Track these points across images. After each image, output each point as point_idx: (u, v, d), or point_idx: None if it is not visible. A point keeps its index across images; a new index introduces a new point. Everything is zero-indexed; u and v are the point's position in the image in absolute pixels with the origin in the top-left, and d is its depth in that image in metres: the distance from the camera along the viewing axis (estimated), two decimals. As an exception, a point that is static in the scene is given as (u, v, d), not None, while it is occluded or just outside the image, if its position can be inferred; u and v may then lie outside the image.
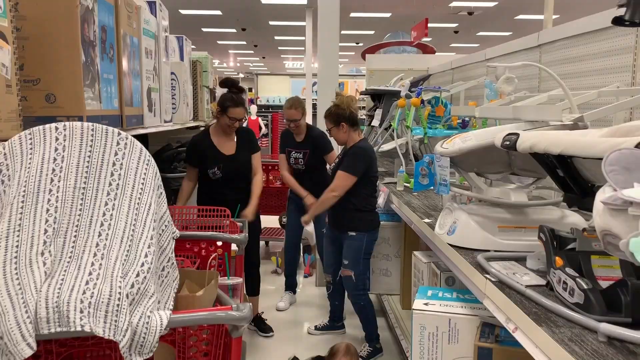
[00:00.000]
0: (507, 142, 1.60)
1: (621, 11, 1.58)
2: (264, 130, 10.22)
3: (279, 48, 18.91)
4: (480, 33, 15.02)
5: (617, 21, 1.55)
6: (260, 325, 3.50)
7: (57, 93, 2.06)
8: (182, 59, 4.37)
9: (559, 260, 1.58)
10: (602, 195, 1.00)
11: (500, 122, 3.05)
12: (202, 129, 3.76)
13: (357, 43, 16.80)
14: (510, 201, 2.09)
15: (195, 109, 4.53)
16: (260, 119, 10.23)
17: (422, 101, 3.71)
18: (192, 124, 4.22)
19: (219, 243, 2.02)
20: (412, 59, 6.94)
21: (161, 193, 1.32)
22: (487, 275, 1.72)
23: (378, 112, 4.43)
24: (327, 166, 3.79)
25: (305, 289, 4.39)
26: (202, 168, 3.22)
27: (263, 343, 3.39)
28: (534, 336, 1.34)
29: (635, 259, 0.89)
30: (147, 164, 1.31)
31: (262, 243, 5.66)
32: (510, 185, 2.26)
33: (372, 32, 15.05)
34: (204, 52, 5.21)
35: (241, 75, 24.31)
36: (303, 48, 14.47)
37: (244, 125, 4.10)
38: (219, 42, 17.41)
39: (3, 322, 1.02)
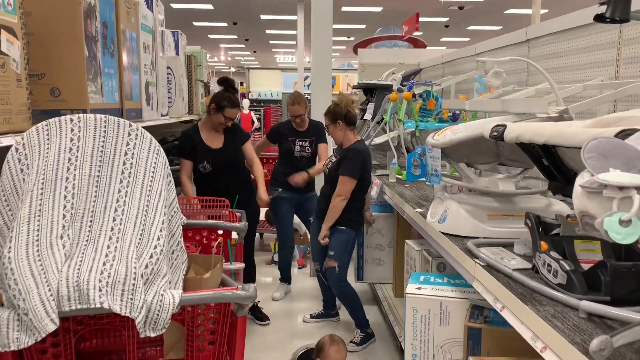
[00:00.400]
0: (495, 133, 1.69)
1: (602, 9, 1.67)
2: (256, 124, 10.27)
3: (271, 42, 18.91)
4: (471, 27, 15.13)
5: (599, 18, 1.63)
6: (257, 313, 3.59)
7: (62, 87, 2.13)
8: (177, 53, 4.42)
9: (544, 245, 1.68)
10: (581, 179, 1.09)
11: (489, 115, 3.14)
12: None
13: (349, 37, 16.85)
14: (498, 190, 2.18)
15: (190, 103, 4.59)
16: (252, 113, 10.28)
17: (414, 95, 3.81)
18: (187, 117, 4.29)
19: (220, 232, 2.10)
20: (403, 54, 7.01)
21: (170, 181, 1.40)
22: (477, 260, 1.81)
23: (370, 106, 4.51)
24: (321, 160, 3.87)
25: (300, 279, 4.48)
26: (194, 163, 3.30)
27: (260, 330, 3.49)
28: (520, 314, 1.43)
29: (608, 236, 0.98)
30: (157, 154, 1.39)
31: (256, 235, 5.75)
32: (498, 176, 2.35)
33: (363, 27, 15.12)
34: (197, 47, 5.26)
35: (232, 70, 24.25)
36: (294, 42, 14.50)
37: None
38: (210, 36, 17.39)
39: (28, 300, 1.09)
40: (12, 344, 1.11)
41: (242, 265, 1.85)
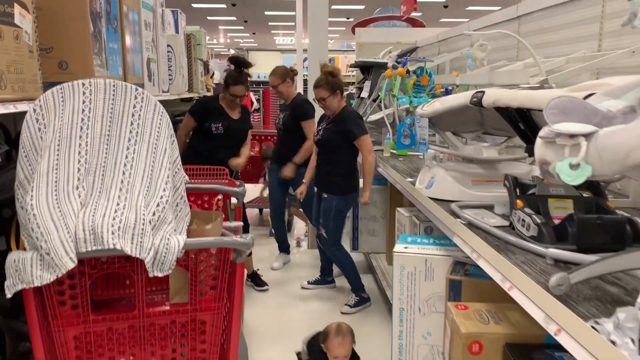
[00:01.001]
0: (475, 99, 1.82)
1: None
2: (255, 105, 10.35)
3: (269, 24, 18.86)
4: (470, 7, 15.10)
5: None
6: (256, 280, 3.75)
7: (69, 60, 2.25)
8: (177, 32, 4.52)
9: (519, 203, 1.81)
10: (542, 132, 1.22)
11: (478, 88, 3.25)
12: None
13: (348, 18, 16.82)
14: (482, 157, 2.31)
15: (190, 81, 4.70)
16: (252, 93, 10.34)
17: (408, 71, 3.91)
18: (187, 95, 4.40)
19: (220, 197, 2.23)
20: (400, 33, 7.09)
21: (173, 140, 1.53)
22: (459, 219, 1.95)
23: (367, 84, 4.61)
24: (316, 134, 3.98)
25: (299, 253, 4.65)
26: (206, 123, 3.47)
27: (259, 296, 3.65)
28: (494, 262, 1.57)
29: (560, 179, 1.11)
30: (162, 115, 1.52)
31: (256, 211, 5.91)
32: (483, 144, 2.48)
33: (362, 7, 15.08)
34: (197, 26, 5.35)
35: (231, 52, 24.20)
36: (293, 23, 14.49)
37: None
38: (209, 17, 17.35)
39: (49, 241, 1.23)
40: (35, 281, 1.25)
41: (241, 223, 1.98)
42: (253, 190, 5.39)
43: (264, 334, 3.10)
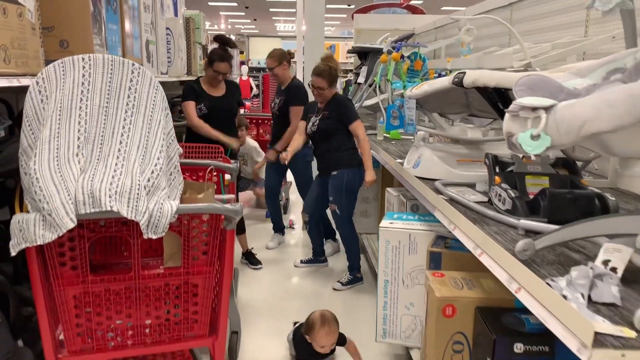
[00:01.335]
0: (457, 79, 1.90)
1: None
2: (255, 91, 10.42)
3: (271, 10, 18.82)
4: (471, -4, 15.07)
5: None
6: (250, 259, 3.86)
7: (70, 40, 2.33)
8: (176, 15, 4.58)
9: (497, 179, 1.90)
10: (509, 107, 1.31)
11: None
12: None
13: (349, 5, 16.79)
14: (467, 137, 2.40)
15: (189, 64, 4.77)
16: (251, 79, 10.42)
17: (402, 56, 3.99)
18: (186, 77, 4.47)
19: (214, 174, 2.33)
20: (399, 19, 7.12)
21: (167, 113, 1.62)
22: (441, 195, 2.04)
23: (363, 69, 4.68)
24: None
25: (293, 234, 4.76)
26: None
27: (253, 273, 3.76)
28: (469, 232, 1.67)
29: (522, 149, 1.20)
30: (156, 89, 1.60)
31: (251, 193, 6.00)
32: (469, 125, 2.57)
33: (363, -6, 15.05)
34: (196, 10, 5.40)
35: (233, 37, 24.15)
36: (294, 10, 14.47)
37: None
38: (210, 3, 17.31)
39: (51, 202, 1.32)
40: (38, 239, 1.35)
41: (233, 196, 2.07)
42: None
43: (257, 308, 3.22)
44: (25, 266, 2.16)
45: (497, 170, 1.98)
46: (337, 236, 3.89)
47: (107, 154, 1.46)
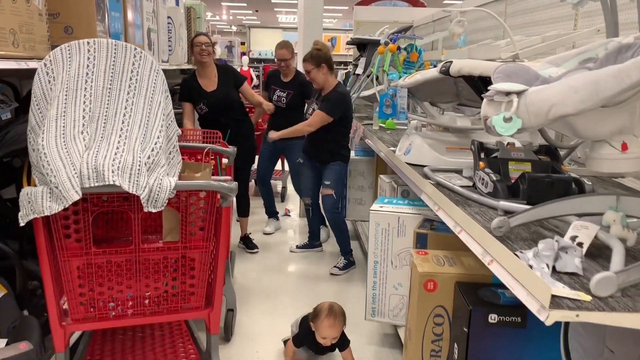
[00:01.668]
0: (444, 68, 1.99)
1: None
2: (255, 81, 10.49)
3: (273, 1, 18.82)
4: (473, -10, 15.06)
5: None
6: (247, 243, 3.97)
7: (74, 26, 2.42)
8: (177, 4, 4.66)
9: (481, 164, 1.99)
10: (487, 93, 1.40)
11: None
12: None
13: (351, -3, 16.79)
14: (456, 125, 2.49)
15: (189, 53, 4.85)
16: (251, 70, 10.48)
17: (399, 48, 4.07)
18: (186, 66, 4.55)
19: (212, 157, 2.42)
20: (398, 12, 7.19)
21: (167, 96, 1.71)
22: (429, 180, 2.13)
23: (362, 61, 4.77)
24: (307, 110, 4.13)
25: (289, 221, 4.86)
26: (193, 105, 3.61)
27: (250, 257, 3.87)
28: (452, 212, 1.76)
29: (496, 130, 1.29)
30: (157, 73, 1.69)
31: (251, 182, 6.11)
32: (458, 114, 2.66)
33: (365, -13, 15.04)
34: (197, 0, 5.47)
35: (234, 29, 24.12)
36: (296, 1, 14.49)
37: (220, 60, 4.43)
38: (212, -7, 17.31)
39: (57, 176, 1.42)
40: (45, 211, 1.44)
41: (230, 177, 2.16)
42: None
43: (252, 289, 3.33)
44: (30, 243, 2.27)
45: (482, 156, 2.07)
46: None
47: (110, 132, 1.55)
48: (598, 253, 1.34)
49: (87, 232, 1.63)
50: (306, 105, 4.16)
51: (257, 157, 4.32)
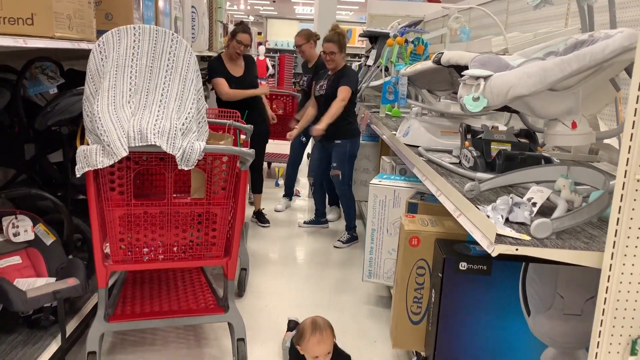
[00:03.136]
0: (436, 59, 2.28)
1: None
2: (270, 70, 10.80)
3: (290, -8, 19.05)
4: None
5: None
6: (260, 217, 4.30)
7: (114, 13, 2.75)
8: (201, -6, 4.96)
9: (467, 143, 2.28)
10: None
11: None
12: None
13: (367, -10, 16.96)
14: (450, 111, 2.78)
15: (210, 41, 5.16)
16: (267, 59, 10.80)
17: (406, 41, 4.34)
18: (207, 53, 4.87)
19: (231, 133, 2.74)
20: (410, 7, 7.42)
21: (198, 74, 2.02)
22: (421, 158, 2.43)
23: (373, 53, 5.05)
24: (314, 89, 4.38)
25: (299, 199, 5.19)
26: None
27: (262, 231, 4.21)
28: (436, 182, 2.05)
29: (466, 109, 1.59)
30: (190, 55, 2.01)
31: (265, 164, 6.45)
32: (453, 101, 2.94)
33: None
34: (218, -10, 5.76)
35: (251, 19, 24.39)
36: (313, -7, 14.71)
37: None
38: (231, -17, 17.59)
39: (109, 136, 1.74)
40: (98, 164, 1.76)
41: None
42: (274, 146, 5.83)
43: (263, 256, 3.66)
44: (72, 201, 2.61)
45: (468, 137, 2.37)
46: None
47: (151, 103, 1.87)
48: (548, 211, 1.63)
49: (128, 187, 1.96)
50: (313, 84, 4.45)
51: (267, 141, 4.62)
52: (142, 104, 1.86)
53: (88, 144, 1.86)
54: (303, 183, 5.90)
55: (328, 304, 2.95)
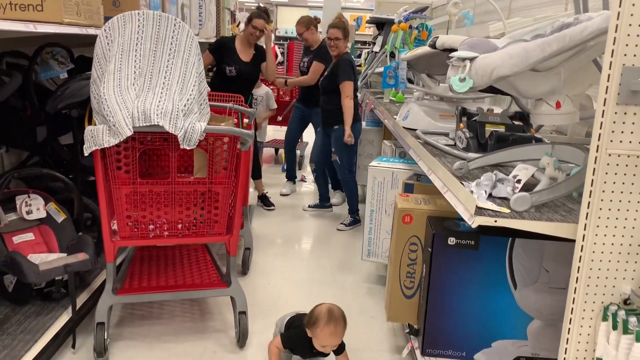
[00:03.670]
0: (432, 43, 2.34)
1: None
2: (279, 58, 10.85)
3: (300, -21, 19.00)
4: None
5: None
6: (265, 201, 4.40)
7: (121, 0, 2.84)
8: (208, -19, 5.03)
9: (461, 125, 2.35)
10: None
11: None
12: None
13: (377, -23, 16.87)
14: (448, 95, 2.83)
15: (218, 28, 5.24)
16: (276, 47, 10.84)
17: (411, 26, 4.39)
18: (214, 40, 4.95)
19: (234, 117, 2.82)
20: (418, -7, 7.41)
21: (200, 58, 2.10)
22: (418, 140, 2.50)
23: (379, 39, 5.10)
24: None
25: (304, 186, 5.29)
26: (222, 64, 3.96)
27: (267, 213, 4.31)
28: (428, 162, 2.13)
29: (454, 89, 1.66)
30: (192, 39, 2.09)
31: (272, 151, 6.54)
32: (452, 86, 3.00)
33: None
34: (226, -23, 5.83)
35: (261, 5, 24.33)
36: (323, -20, 14.67)
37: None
38: (241, -29, 17.58)
39: (115, 116, 1.83)
40: (105, 143, 1.86)
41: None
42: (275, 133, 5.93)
43: (268, 237, 3.77)
44: (82, 182, 2.72)
45: (463, 119, 2.43)
46: None
47: (154, 85, 1.96)
48: (532, 187, 1.70)
49: (134, 166, 2.06)
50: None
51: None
52: (146, 86, 1.95)
53: (95, 125, 1.96)
54: (309, 169, 6.00)
55: (329, 282, 3.04)
